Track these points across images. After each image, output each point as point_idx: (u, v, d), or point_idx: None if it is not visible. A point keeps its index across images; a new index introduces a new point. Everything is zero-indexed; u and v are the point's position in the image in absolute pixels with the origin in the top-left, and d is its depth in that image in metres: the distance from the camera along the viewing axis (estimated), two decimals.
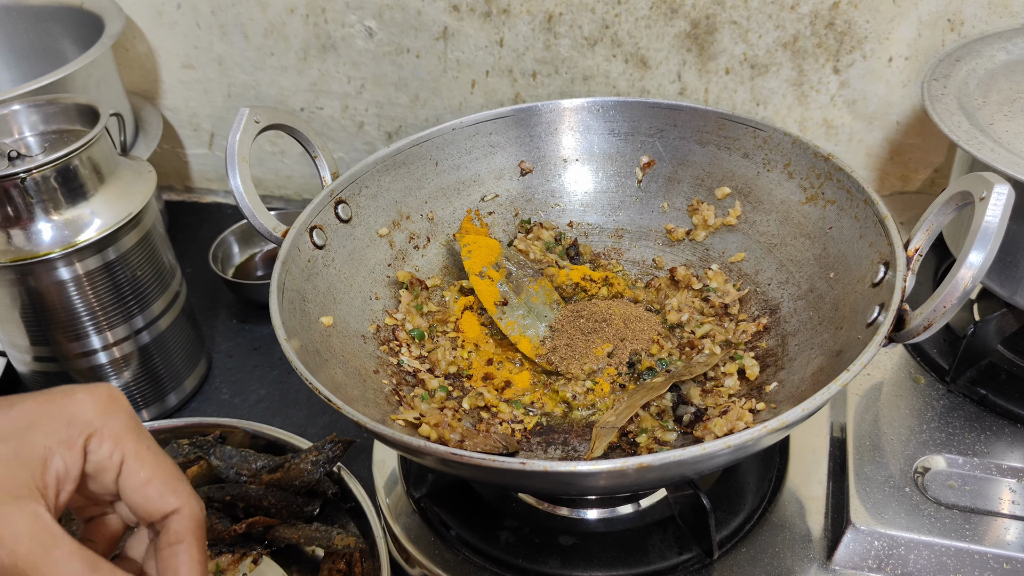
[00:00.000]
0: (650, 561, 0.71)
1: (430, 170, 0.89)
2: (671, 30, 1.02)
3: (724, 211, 0.87)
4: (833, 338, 0.71)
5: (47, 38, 1.19)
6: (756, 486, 0.76)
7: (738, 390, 0.75)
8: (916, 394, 0.83)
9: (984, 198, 0.58)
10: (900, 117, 1.03)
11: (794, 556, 0.71)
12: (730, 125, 0.86)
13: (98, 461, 0.45)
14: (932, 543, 0.70)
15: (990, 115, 0.79)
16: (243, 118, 0.76)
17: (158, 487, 0.46)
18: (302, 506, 0.77)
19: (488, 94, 1.12)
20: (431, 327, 0.84)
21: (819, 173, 0.79)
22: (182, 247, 1.22)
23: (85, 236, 0.82)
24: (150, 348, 0.91)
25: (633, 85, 1.08)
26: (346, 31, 1.11)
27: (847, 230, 0.75)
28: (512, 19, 1.05)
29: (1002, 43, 0.89)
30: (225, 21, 1.15)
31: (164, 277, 0.91)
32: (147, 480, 0.46)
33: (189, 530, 0.46)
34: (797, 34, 0.99)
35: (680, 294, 0.86)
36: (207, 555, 0.48)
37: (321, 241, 0.79)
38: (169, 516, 0.46)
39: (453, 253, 0.90)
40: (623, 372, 0.79)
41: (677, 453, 0.54)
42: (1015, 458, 0.76)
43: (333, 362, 0.72)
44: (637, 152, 0.91)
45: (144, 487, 0.46)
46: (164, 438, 0.85)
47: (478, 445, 0.70)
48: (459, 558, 0.72)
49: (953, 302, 0.59)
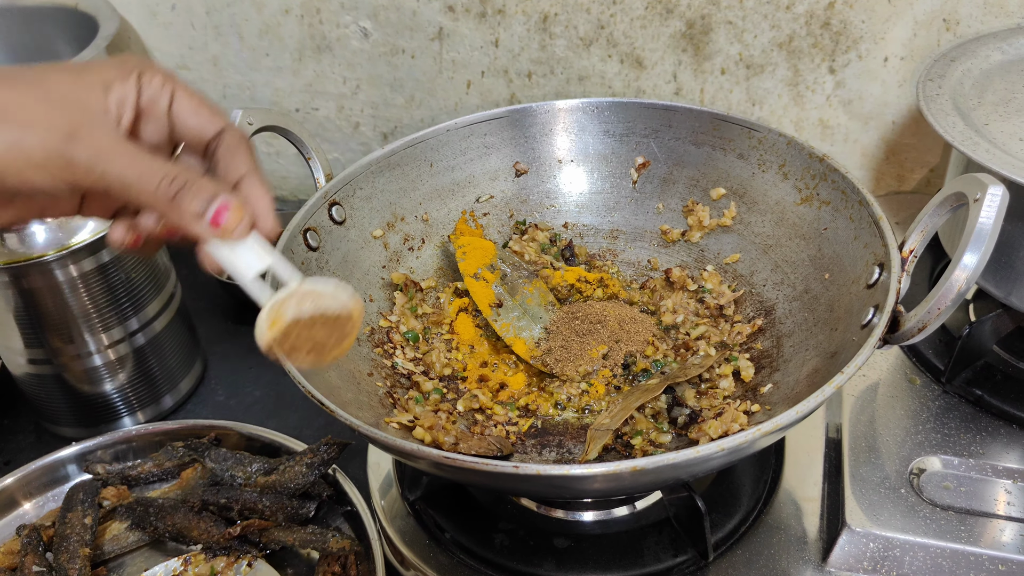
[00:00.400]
0: (645, 564, 0.71)
1: (425, 171, 0.89)
2: (666, 30, 1.02)
3: (719, 212, 0.87)
4: (828, 340, 0.71)
5: (41, 39, 1.19)
6: (751, 488, 0.76)
7: (733, 392, 0.75)
8: (912, 395, 0.82)
9: (978, 199, 0.58)
10: (896, 117, 1.03)
11: (789, 558, 0.71)
12: (725, 126, 0.86)
13: (152, 93, 0.50)
14: (928, 545, 0.69)
15: (985, 115, 0.79)
16: (236, 120, 0.76)
17: (208, 110, 0.52)
18: (297, 509, 0.76)
19: (484, 95, 1.12)
20: (426, 329, 0.84)
21: (814, 174, 0.79)
22: (177, 248, 1.22)
23: (79, 238, 0.81)
24: (145, 350, 0.91)
25: (629, 85, 1.07)
26: (341, 32, 1.11)
27: (842, 231, 0.75)
28: (507, 19, 1.05)
29: (997, 43, 0.88)
30: (220, 22, 1.14)
31: (159, 279, 0.91)
32: (199, 104, 0.52)
33: (242, 139, 0.52)
34: (793, 34, 0.99)
35: (675, 295, 0.86)
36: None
37: (315, 243, 0.79)
38: (221, 133, 0.52)
39: (448, 255, 0.90)
40: (618, 374, 0.79)
41: (671, 456, 0.54)
42: (1011, 459, 0.76)
43: (327, 365, 0.71)
44: (632, 153, 0.91)
45: (197, 110, 0.52)
46: (159, 440, 0.85)
47: (472, 447, 0.70)
48: (454, 561, 0.72)
49: (947, 304, 0.59)
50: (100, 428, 0.92)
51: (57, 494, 0.83)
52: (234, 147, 0.51)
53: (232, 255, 0.51)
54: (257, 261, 0.51)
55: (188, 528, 0.76)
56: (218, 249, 0.50)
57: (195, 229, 0.48)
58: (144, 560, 0.77)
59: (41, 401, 0.92)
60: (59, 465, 0.83)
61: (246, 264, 0.51)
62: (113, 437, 0.84)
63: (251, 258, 0.51)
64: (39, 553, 0.74)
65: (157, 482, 0.84)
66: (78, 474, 0.84)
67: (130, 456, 0.85)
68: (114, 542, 0.77)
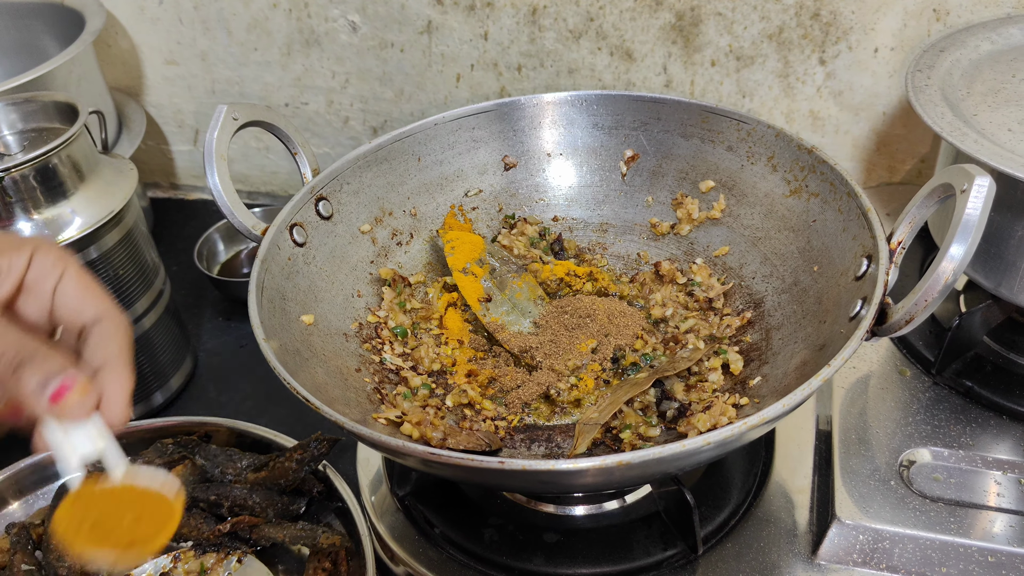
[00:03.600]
0: (635, 557, 0.71)
1: (412, 166, 0.89)
2: (656, 22, 1.01)
3: (708, 205, 0.87)
4: (817, 332, 0.71)
5: (27, 34, 1.18)
6: (741, 480, 0.76)
7: (722, 385, 0.75)
8: (902, 386, 0.82)
9: (965, 191, 0.58)
10: (886, 108, 1.02)
11: (779, 551, 0.71)
12: (714, 118, 0.85)
13: (41, 270, 0.51)
14: (917, 536, 0.69)
15: (974, 106, 0.79)
16: (221, 116, 0.75)
17: (92, 295, 0.52)
18: (287, 505, 0.76)
19: (473, 88, 1.12)
20: (414, 324, 0.83)
21: (803, 166, 0.79)
22: (167, 244, 1.22)
23: (66, 235, 0.81)
24: (134, 347, 0.91)
25: (619, 78, 1.07)
26: (329, 25, 1.10)
27: (831, 223, 0.75)
28: (496, 12, 1.05)
29: (987, 33, 0.88)
30: (208, 16, 1.14)
31: (147, 275, 0.91)
32: (85, 288, 0.52)
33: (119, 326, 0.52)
34: (782, 25, 0.98)
35: (664, 289, 0.86)
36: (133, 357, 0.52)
37: (302, 239, 0.78)
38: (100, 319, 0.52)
39: (436, 249, 0.89)
40: (607, 368, 0.79)
41: (657, 451, 0.54)
42: (1000, 450, 0.76)
43: (314, 361, 0.71)
44: (621, 146, 0.90)
45: (82, 293, 0.52)
46: (149, 438, 0.85)
47: (461, 443, 0.70)
48: (443, 556, 0.72)
49: (935, 296, 0.59)
50: None
51: (47, 492, 0.82)
52: (109, 333, 0.51)
53: (63, 437, 0.48)
54: (88, 444, 0.49)
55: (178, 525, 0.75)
56: (52, 431, 0.48)
57: (32, 403, 0.46)
58: None
59: None
60: (48, 463, 0.83)
61: (73, 447, 0.48)
62: None
63: (83, 441, 0.49)
64: (28, 552, 0.74)
65: None
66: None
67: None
68: None
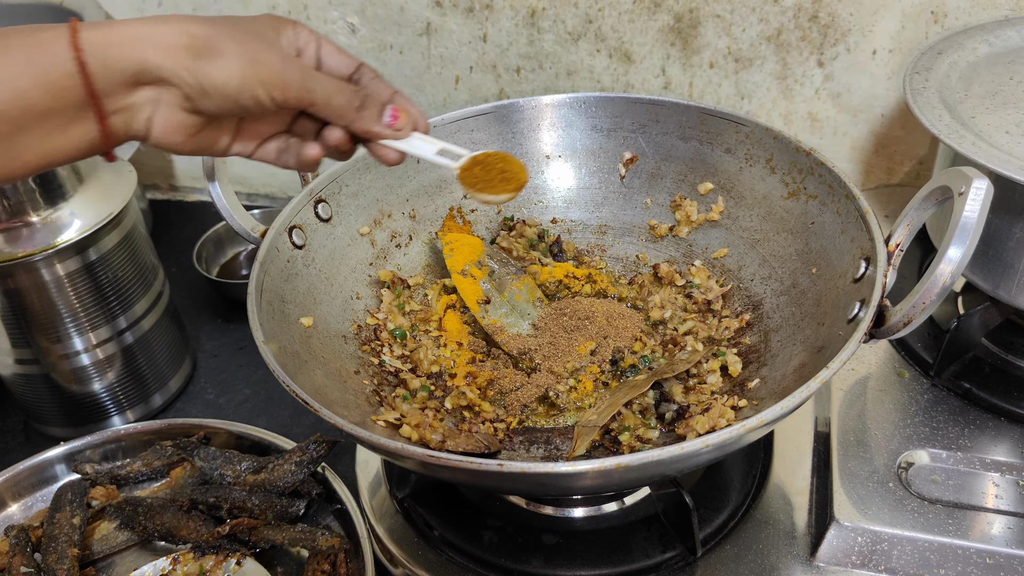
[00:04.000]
0: (634, 560, 0.71)
1: (411, 168, 0.89)
2: (655, 24, 1.01)
3: (707, 207, 0.87)
4: (815, 334, 0.71)
5: None
6: (740, 482, 0.76)
7: (721, 387, 0.75)
8: (900, 388, 0.82)
9: (963, 193, 0.58)
10: (885, 110, 1.03)
11: (778, 553, 0.71)
12: (712, 120, 0.85)
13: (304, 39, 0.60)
14: (916, 538, 0.70)
15: (972, 108, 0.79)
16: None
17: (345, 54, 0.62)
18: (286, 507, 0.76)
19: (472, 90, 1.12)
20: (413, 326, 0.84)
21: (801, 168, 0.79)
22: (167, 246, 1.22)
23: (65, 237, 0.81)
24: (133, 349, 0.91)
25: (617, 80, 1.07)
26: (329, 27, 1.11)
27: (829, 225, 0.75)
28: (495, 14, 1.05)
29: (984, 35, 0.88)
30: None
31: (146, 277, 0.91)
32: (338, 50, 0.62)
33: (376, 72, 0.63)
34: (781, 27, 0.99)
35: (663, 291, 0.86)
36: None
37: (301, 241, 0.78)
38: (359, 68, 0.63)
39: (435, 251, 0.90)
40: (606, 370, 0.79)
41: (656, 453, 0.54)
42: (999, 452, 0.76)
43: (313, 363, 0.71)
44: (620, 148, 0.91)
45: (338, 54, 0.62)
46: (148, 439, 0.85)
47: (460, 445, 0.70)
48: (442, 558, 0.72)
49: (932, 298, 0.59)
50: (89, 428, 0.92)
51: (45, 494, 0.82)
52: (375, 77, 0.63)
53: (407, 146, 0.63)
54: (430, 146, 0.64)
55: (177, 527, 0.75)
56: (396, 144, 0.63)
57: (377, 130, 0.61)
58: (133, 559, 0.77)
59: (29, 401, 0.92)
60: (47, 465, 0.83)
61: (422, 149, 0.64)
62: (102, 436, 0.84)
63: (424, 145, 0.64)
64: (27, 554, 0.74)
65: (146, 481, 0.84)
66: (66, 474, 0.84)
67: (119, 455, 0.85)
68: (103, 542, 0.77)
